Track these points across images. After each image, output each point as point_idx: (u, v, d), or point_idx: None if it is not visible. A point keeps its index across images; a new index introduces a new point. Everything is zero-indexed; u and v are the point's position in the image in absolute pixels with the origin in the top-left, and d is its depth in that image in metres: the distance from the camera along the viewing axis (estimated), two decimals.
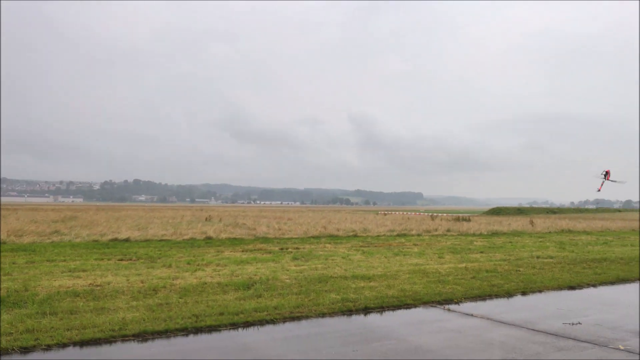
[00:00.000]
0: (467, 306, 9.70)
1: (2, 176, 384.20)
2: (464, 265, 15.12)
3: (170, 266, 13.83)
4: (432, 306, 9.65)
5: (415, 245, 21.89)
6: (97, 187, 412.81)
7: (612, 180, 19.98)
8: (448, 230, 31.82)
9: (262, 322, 8.17)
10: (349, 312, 8.99)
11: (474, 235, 29.79)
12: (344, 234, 27.56)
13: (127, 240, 21.68)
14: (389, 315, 8.92)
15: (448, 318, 8.72)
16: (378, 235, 27.36)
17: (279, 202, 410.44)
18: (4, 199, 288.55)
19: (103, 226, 28.77)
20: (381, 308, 9.32)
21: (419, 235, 28.49)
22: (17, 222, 30.20)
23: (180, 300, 9.43)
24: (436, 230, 31.70)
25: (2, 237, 20.39)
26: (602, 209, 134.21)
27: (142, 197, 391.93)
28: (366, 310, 9.12)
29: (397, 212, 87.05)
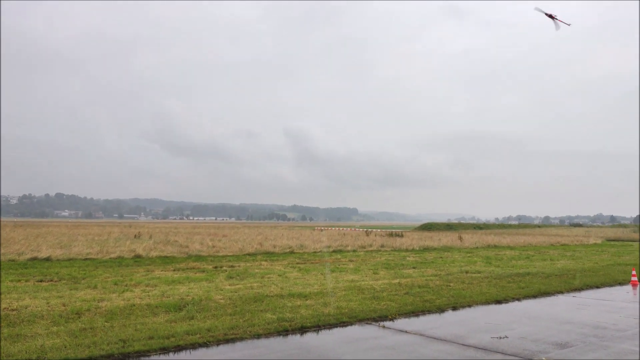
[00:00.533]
0: (401, 322, 9.87)
1: None
2: (397, 281, 15.44)
3: (95, 287, 13.05)
4: (367, 323, 9.73)
5: (350, 261, 22.12)
6: (14, 201, 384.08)
7: (557, 20, 20.50)
8: (382, 246, 32.48)
9: (194, 346, 7.85)
10: (285, 332, 8.86)
11: (406, 250, 30.60)
12: (281, 250, 27.37)
13: (47, 259, 20.26)
14: (325, 334, 8.88)
15: (383, 335, 8.82)
16: (315, 252, 27.41)
17: (214, 218, 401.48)
18: None
19: (21, 244, 26.71)
20: (317, 327, 9.27)
21: (354, 251, 28.85)
22: None
23: (106, 324, 8.89)
24: (371, 246, 32.25)
25: None
26: (523, 225, 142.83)
27: (66, 213, 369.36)
28: (302, 330, 9.04)
29: (333, 228, 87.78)
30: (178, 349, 7.69)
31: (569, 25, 19.47)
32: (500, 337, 8.69)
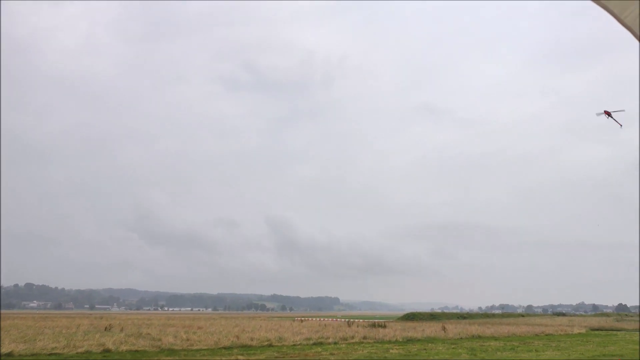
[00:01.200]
0: None
1: None
2: None
3: None
4: None
5: (331, 354, 21.23)
6: None
7: (612, 113, 20.55)
8: (364, 338, 31.38)
9: None
10: None
11: (389, 342, 29.58)
12: (258, 343, 26.20)
13: (9, 354, 18.98)
14: None
15: None
16: (294, 344, 26.30)
17: (189, 309, 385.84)
18: None
19: None
20: None
21: (335, 343, 27.78)
22: None
23: None
24: (352, 337, 31.15)
25: None
26: (507, 314, 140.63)
27: (34, 304, 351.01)
28: None
29: (313, 318, 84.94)
30: None
31: (620, 126, 20.71)
32: None
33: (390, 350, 23.51)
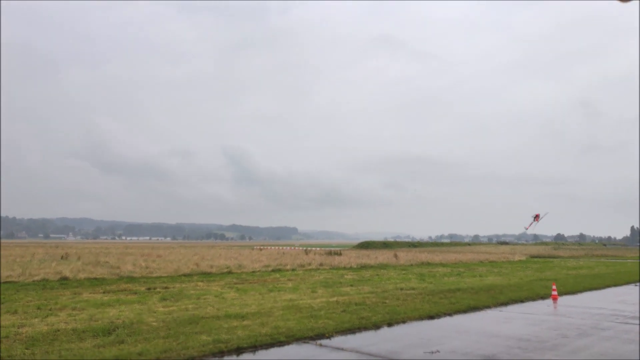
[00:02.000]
0: (338, 340, 9.97)
1: None
2: (335, 299, 15.58)
3: (15, 312, 12.20)
4: (304, 342, 9.75)
5: (289, 280, 22.06)
6: None
7: (538, 221, 22.65)
8: (321, 265, 32.64)
9: None
10: (221, 353, 8.70)
11: (344, 268, 30.94)
12: (218, 270, 26.81)
13: None
14: (261, 355, 8.80)
15: (319, 353, 8.87)
16: (253, 272, 27.09)
17: (148, 238, 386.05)
18: None
19: None
20: (254, 347, 9.18)
21: (293, 270, 28.80)
22: None
23: (26, 351, 8.33)
24: (310, 264, 32.33)
25: None
26: (455, 243, 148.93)
27: None
28: (238, 351, 8.91)
29: (272, 247, 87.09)
30: None
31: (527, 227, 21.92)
32: (433, 352, 9.00)
33: (345, 276, 24.65)
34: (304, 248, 73.56)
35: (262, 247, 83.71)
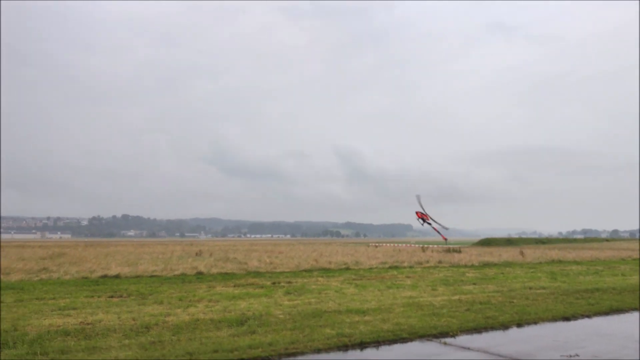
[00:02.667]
0: (463, 339, 9.65)
1: None
2: (457, 297, 15.09)
3: (161, 303, 13.63)
4: (428, 340, 9.59)
5: (407, 277, 21.82)
6: (85, 222, 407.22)
7: (429, 223, 20.98)
8: (440, 262, 31.78)
9: (257, 359, 8.05)
10: (345, 347, 8.90)
11: (465, 266, 29.78)
12: (336, 267, 27.41)
13: (117, 276, 21.36)
14: (385, 350, 8.84)
15: (444, 352, 8.67)
16: (370, 268, 27.24)
17: (269, 236, 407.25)
18: None
19: (92, 262, 28.33)
20: (377, 343, 9.25)
21: (411, 267, 28.41)
22: (5, 260, 29.63)
23: (173, 337, 9.29)
24: (428, 262, 31.65)
25: None
26: (590, 239, 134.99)
27: (131, 233, 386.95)
28: (362, 345, 9.04)
29: (387, 244, 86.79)
30: None
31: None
32: (571, 356, 8.32)
33: (467, 274, 23.73)
34: (420, 245, 72.24)
35: (377, 244, 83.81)
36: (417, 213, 17.86)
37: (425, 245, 66.07)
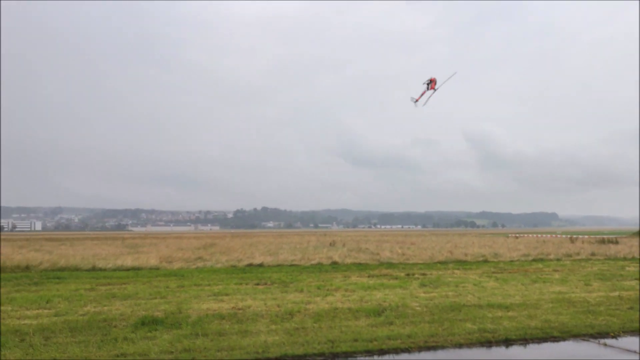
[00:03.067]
0: (627, 341, 8.63)
1: (151, 208, 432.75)
2: (617, 293, 13.53)
3: (302, 291, 14.35)
4: (583, 340, 8.76)
5: (555, 271, 20.12)
6: (230, 215, 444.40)
7: (435, 88, 16.78)
8: (592, 254, 28.75)
9: (396, 351, 8.09)
10: (488, 343, 8.52)
11: (624, 259, 26.53)
12: (473, 259, 26.29)
13: (261, 265, 22.99)
14: (533, 349, 8.28)
15: (605, 354, 7.85)
16: (511, 261, 25.65)
17: (399, 226, 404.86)
18: (155, 228, 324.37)
19: (239, 252, 30.85)
20: (524, 340, 8.69)
21: (558, 260, 26.14)
22: (167, 250, 33.71)
23: (314, 325, 9.73)
24: (578, 254, 28.83)
25: (155, 263, 22.96)
26: None
27: (270, 224, 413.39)
28: (507, 342, 8.57)
29: (529, 235, 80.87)
30: (382, 352, 8.02)
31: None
32: None
33: (627, 268, 21.13)
34: (569, 236, 65.96)
35: (517, 235, 78.53)
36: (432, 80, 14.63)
37: (575, 236, 60.24)
